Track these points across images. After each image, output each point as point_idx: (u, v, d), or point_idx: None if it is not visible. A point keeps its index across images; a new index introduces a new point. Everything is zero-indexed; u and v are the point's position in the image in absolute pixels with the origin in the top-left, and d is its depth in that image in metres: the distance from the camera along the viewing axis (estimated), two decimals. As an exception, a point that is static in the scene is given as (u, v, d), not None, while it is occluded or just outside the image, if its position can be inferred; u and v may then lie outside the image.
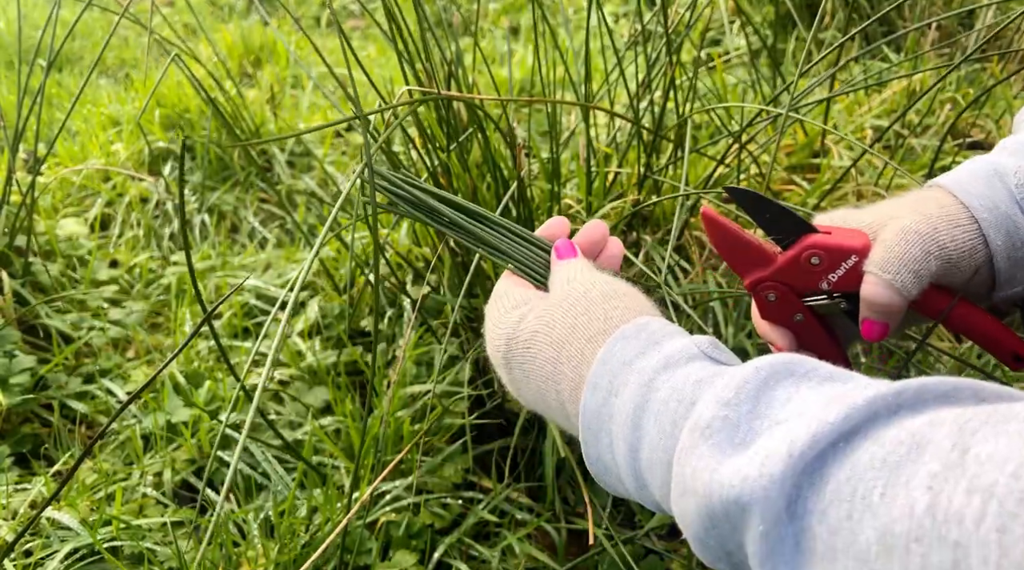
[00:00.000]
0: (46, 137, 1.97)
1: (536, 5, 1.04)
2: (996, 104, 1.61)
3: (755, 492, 0.34)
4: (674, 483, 0.40)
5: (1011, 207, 0.54)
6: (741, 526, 0.36)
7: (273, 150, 1.87)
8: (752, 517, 0.35)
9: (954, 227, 0.54)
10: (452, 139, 1.04)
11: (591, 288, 0.53)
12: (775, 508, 0.34)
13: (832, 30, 1.92)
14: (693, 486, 0.38)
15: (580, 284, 0.54)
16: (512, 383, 0.56)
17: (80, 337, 1.33)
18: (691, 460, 0.38)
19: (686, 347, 0.45)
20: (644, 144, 1.15)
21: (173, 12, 3.10)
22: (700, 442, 0.38)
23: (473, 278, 0.96)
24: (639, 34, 1.13)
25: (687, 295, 1.16)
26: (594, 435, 0.47)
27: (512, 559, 0.99)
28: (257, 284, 1.44)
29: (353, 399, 1.16)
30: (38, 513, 0.70)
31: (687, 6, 1.14)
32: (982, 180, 0.55)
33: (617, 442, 0.45)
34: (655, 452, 0.42)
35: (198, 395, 1.19)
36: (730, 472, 0.36)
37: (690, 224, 1.26)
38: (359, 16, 3.08)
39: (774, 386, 0.39)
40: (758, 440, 0.37)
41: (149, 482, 1.08)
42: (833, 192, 1.35)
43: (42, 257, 1.44)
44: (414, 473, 1.03)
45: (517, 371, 0.54)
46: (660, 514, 1.02)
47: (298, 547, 0.95)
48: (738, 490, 0.35)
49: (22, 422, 1.20)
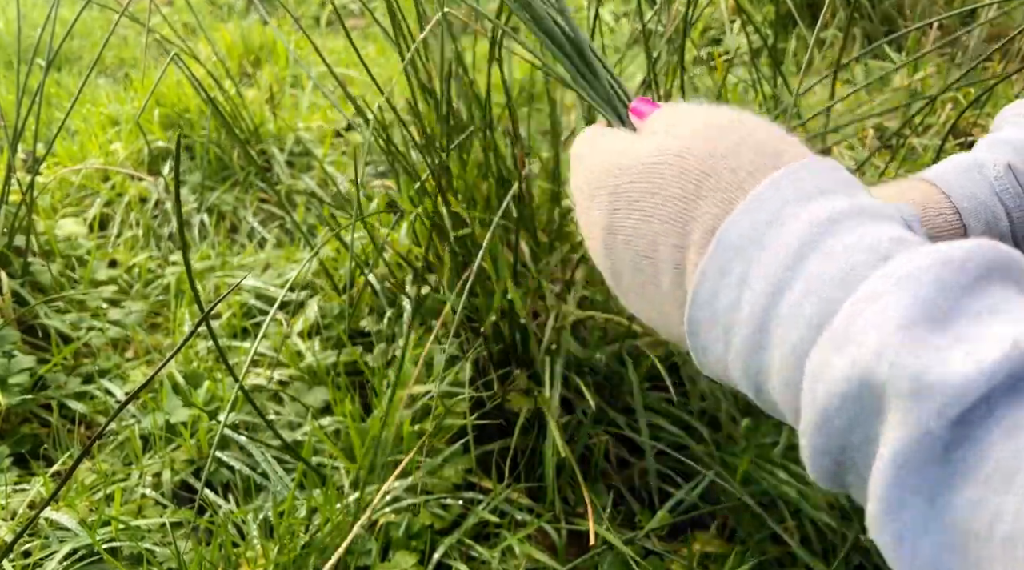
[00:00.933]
0: (45, 137, 1.97)
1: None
2: (998, 103, 1.61)
3: (946, 378, 0.27)
4: (829, 336, 0.31)
5: (990, 197, 0.56)
6: (895, 411, 0.29)
7: (272, 150, 1.87)
8: (923, 403, 0.27)
9: (936, 215, 0.55)
10: (451, 139, 1.04)
11: (743, 118, 0.40)
12: (959, 404, 0.27)
13: (833, 29, 1.92)
14: (860, 346, 0.30)
15: (720, 114, 0.41)
16: (607, 231, 0.42)
17: (79, 337, 1.32)
18: (870, 315, 0.30)
19: (886, 207, 0.36)
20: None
21: (172, 11, 3.10)
22: (890, 299, 0.30)
23: (473, 278, 0.96)
24: (640, 33, 1.13)
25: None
26: (721, 266, 0.36)
27: (512, 560, 0.99)
28: (256, 284, 1.43)
29: (353, 399, 1.15)
30: (37, 513, 0.70)
31: (687, 4, 1.14)
32: (963, 172, 0.58)
33: (754, 278, 0.35)
34: (809, 297, 0.33)
35: (197, 395, 1.18)
36: (916, 343, 0.28)
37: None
38: (359, 16, 3.08)
39: (991, 276, 0.31)
40: (964, 322, 0.29)
41: (148, 482, 1.08)
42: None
43: (41, 257, 1.44)
44: (414, 473, 1.03)
45: (623, 213, 0.41)
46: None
47: (298, 548, 0.95)
48: (922, 366, 0.28)
49: (21, 422, 1.20)
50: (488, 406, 1.10)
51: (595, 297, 1.12)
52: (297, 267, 1.45)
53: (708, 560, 1.00)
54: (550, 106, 1.21)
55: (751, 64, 1.37)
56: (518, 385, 1.08)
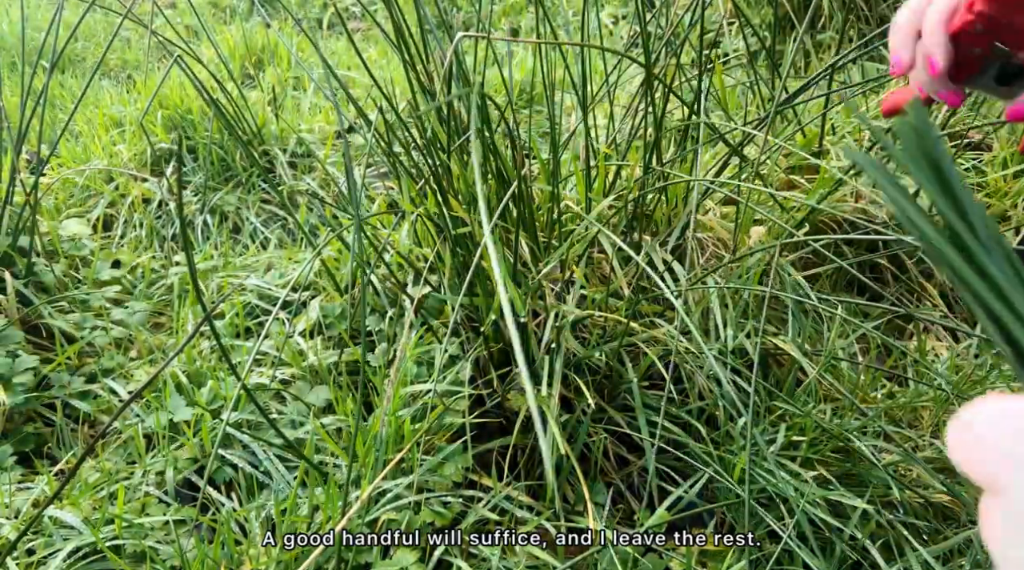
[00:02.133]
0: (49, 138, 1.98)
1: (537, 6, 1.04)
2: (994, 105, 1.62)
3: None
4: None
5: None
6: None
7: (275, 151, 1.88)
8: None
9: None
10: (453, 140, 1.05)
11: None
12: None
13: (831, 31, 1.93)
14: None
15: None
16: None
17: (83, 337, 1.33)
18: None
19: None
20: (647, 143, 1.16)
21: (175, 14, 3.11)
22: None
23: (473, 277, 0.96)
24: (639, 35, 1.14)
25: (684, 293, 1.17)
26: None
27: (512, 557, 1.00)
28: (259, 284, 1.44)
29: (354, 398, 1.16)
30: (40, 512, 0.70)
31: (686, 8, 1.15)
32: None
33: None
34: None
35: (200, 394, 1.19)
36: None
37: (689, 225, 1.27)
38: (360, 18, 3.09)
39: None
40: None
41: (151, 481, 1.09)
42: (834, 192, 1.35)
43: (45, 257, 1.45)
44: (415, 471, 1.04)
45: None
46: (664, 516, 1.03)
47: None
48: None
49: (25, 421, 1.20)
50: (488, 404, 1.11)
51: (594, 296, 1.13)
52: (299, 267, 1.46)
53: (706, 557, 1.01)
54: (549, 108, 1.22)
55: (749, 66, 1.38)
56: (518, 383, 1.09)
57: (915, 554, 0.98)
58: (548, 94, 1.16)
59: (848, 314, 1.32)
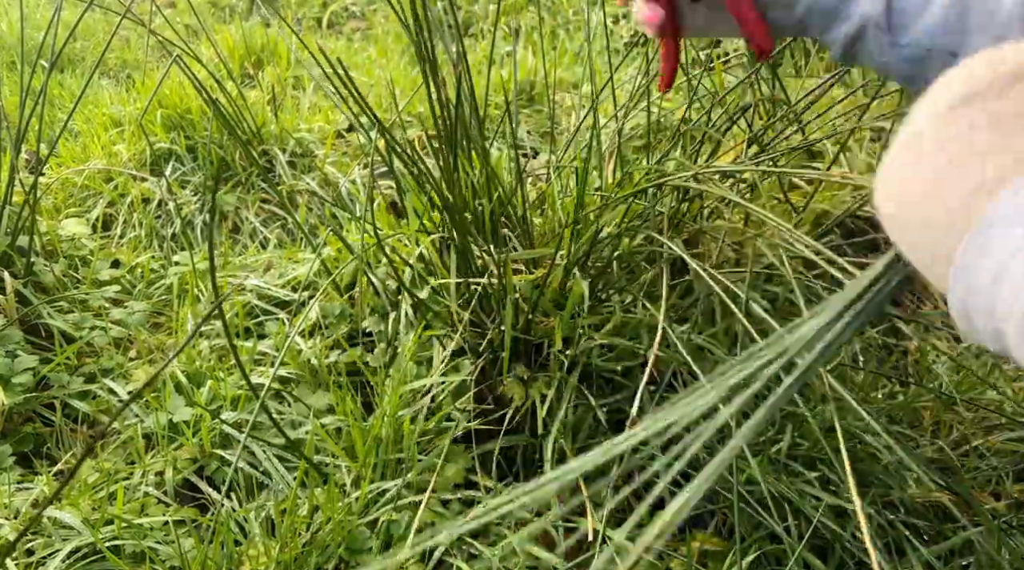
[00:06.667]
0: (48, 138, 1.98)
1: (537, 7, 1.04)
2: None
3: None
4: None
5: None
6: None
7: (274, 151, 1.88)
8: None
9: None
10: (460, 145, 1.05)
11: None
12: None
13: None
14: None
15: None
16: (940, 133, 0.36)
17: (82, 337, 1.33)
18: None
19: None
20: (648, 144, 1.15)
21: (174, 13, 3.11)
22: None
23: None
24: (639, 36, 1.13)
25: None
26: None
27: (512, 558, 0.99)
28: (258, 284, 1.44)
29: (354, 399, 1.16)
30: (39, 512, 0.70)
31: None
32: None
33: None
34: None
35: (200, 394, 1.19)
36: None
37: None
38: (360, 18, 3.08)
39: None
40: None
41: (151, 481, 1.09)
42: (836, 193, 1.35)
43: (44, 257, 1.45)
44: (414, 471, 1.03)
45: (962, 122, 0.35)
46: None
47: (299, 546, 0.96)
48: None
49: (24, 421, 1.20)
50: (488, 398, 1.11)
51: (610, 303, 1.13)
52: (299, 267, 1.46)
53: (707, 558, 1.01)
54: (549, 108, 1.22)
55: (749, 66, 1.38)
56: (517, 373, 1.09)
57: (915, 554, 0.98)
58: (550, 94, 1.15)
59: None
